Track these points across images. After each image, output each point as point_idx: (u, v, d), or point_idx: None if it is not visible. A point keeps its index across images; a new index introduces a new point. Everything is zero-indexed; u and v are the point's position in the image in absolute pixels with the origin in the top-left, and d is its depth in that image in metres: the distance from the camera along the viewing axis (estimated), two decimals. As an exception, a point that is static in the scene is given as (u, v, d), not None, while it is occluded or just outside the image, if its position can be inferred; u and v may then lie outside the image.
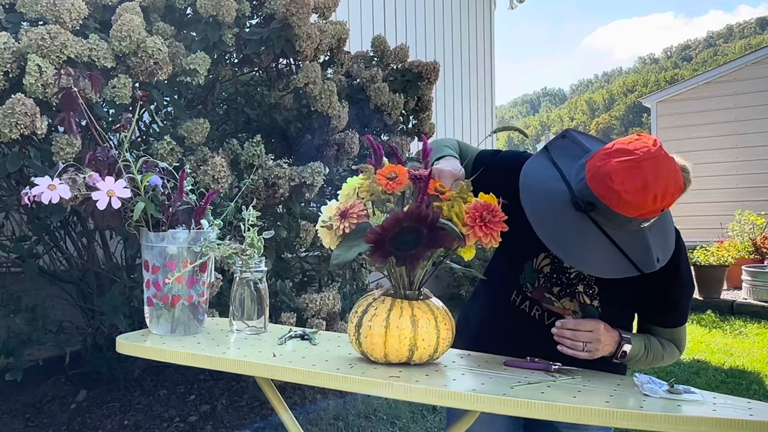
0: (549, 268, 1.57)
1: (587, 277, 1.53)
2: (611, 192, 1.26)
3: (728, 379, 4.42)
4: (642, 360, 1.55)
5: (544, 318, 1.58)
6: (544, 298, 1.57)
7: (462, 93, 8.32)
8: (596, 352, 1.44)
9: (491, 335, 1.59)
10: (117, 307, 2.90)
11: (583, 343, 1.42)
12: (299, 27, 3.01)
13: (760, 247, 7.46)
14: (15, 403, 3.37)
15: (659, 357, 1.57)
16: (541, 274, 1.57)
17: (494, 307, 1.65)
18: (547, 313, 1.57)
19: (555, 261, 1.56)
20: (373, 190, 1.32)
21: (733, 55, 38.69)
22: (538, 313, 1.58)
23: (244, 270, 1.56)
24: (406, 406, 3.61)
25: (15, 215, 3.32)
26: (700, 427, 1.06)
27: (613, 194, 1.26)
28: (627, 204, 1.26)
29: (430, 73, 3.95)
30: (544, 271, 1.57)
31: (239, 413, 3.42)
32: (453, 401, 1.20)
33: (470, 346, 1.53)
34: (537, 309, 1.58)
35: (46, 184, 1.43)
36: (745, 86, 9.68)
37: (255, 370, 1.36)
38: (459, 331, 1.41)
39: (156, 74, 2.58)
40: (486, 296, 1.73)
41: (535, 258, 1.57)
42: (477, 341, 1.56)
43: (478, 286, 1.84)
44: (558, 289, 1.56)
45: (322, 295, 3.00)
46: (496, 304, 1.64)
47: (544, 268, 1.57)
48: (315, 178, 2.89)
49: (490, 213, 1.27)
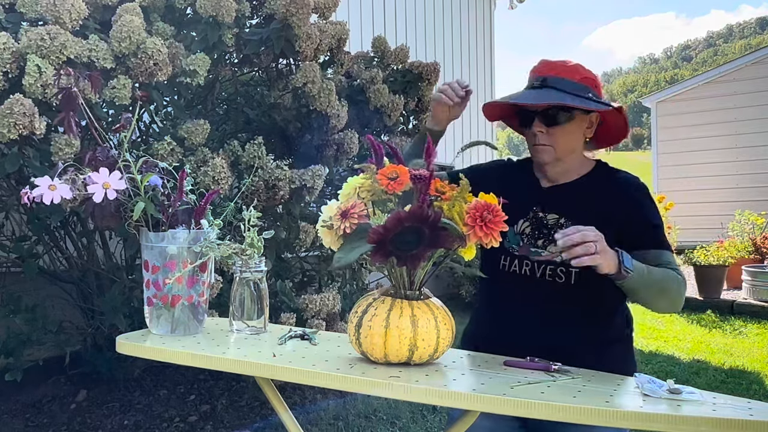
0: (529, 228, 1.70)
1: (564, 223, 1.66)
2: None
3: (728, 379, 4.42)
4: (648, 279, 1.53)
5: (535, 272, 1.67)
6: (530, 252, 1.68)
7: (462, 93, 8.31)
8: (606, 254, 1.43)
9: (494, 314, 1.73)
10: (117, 307, 2.90)
11: (593, 243, 1.42)
12: (299, 27, 3.01)
13: (760, 247, 7.46)
14: (15, 403, 3.37)
15: (664, 278, 1.57)
16: (524, 235, 1.70)
17: (490, 286, 1.75)
18: (536, 264, 1.67)
19: (533, 221, 1.70)
20: (374, 190, 1.32)
21: (733, 55, 38.68)
22: (527, 268, 1.68)
23: (244, 270, 1.56)
24: (406, 406, 3.61)
25: (15, 215, 3.32)
26: (700, 427, 1.06)
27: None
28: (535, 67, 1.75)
29: (431, 74, 3.95)
30: (526, 232, 1.70)
31: (239, 413, 3.43)
32: (453, 401, 1.20)
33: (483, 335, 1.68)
34: (526, 264, 1.68)
35: (46, 184, 1.42)
36: (744, 86, 9.68)
37: (255, 370, 1.36)
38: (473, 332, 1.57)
39: (156, 75, 2.58)
40: (483, 286, 1.84)
41: (515, 225, 1.70)
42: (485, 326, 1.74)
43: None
44: (542, 241, 1.68)
45: (322, 296, 3.00)
46: (492, 279, 1.68)
47: (525, 230, 1.70)
48: (316, 181, 2.89)
49: (490, 213, 1.27)
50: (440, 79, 4.16)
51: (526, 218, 1.70)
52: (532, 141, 1.71)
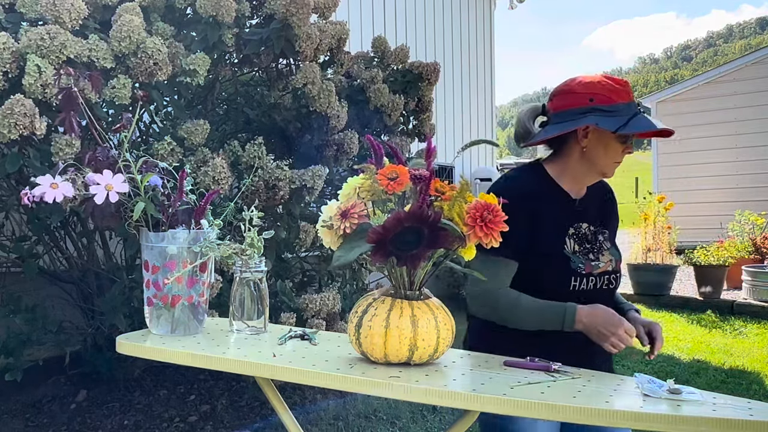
0: (577, 245, 1.73)
1: (597, 228, 1.79)
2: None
3: (728, 379, 4.42)
4: None
5: (596, 284, 1.73)
6: (592, 266, 1.73)
7: (462, 93, 8.32)
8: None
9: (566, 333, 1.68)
10: (117, 307, 2.90)
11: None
12: (299, 27, 3.01)
13: (760, 247, 7.45)
14: (15, 403, 3.37)
15: None
16: (577, 253, 1.73)
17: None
18: (597, 276, 1.74)
19: (576, 237, 1.74)
20: (374, 190, 1.32)
21: (733, 55, 38.69)
22: (592, 283, 1.73)
23: (244, 270, 1.56)
24: (406, 406, 3.61)
25: (15, 215, 3.32)
26: (700, 427, 1.06)
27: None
28: None
29: (431, 74, 3.95)
30: (576, 249, 1.73)
31: (239, 413, 3.42)
32: (453, 401, 1.20)
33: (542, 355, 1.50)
34: (591, 279, 1.73)
35: (48, 183, 1.42)
36: (744, 86, 9.68)
37: (255, 370, 1.36)
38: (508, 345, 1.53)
39: (156, 75, 2.58)
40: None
41: (566, 245, 1.72)
42: (548, 346, 1.55)
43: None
44: (594, 252, 1.75)
45: (322, 296, 3.00)
46: (563, 300, 1.70)
47: (575, 248, 1.73)
48: (316, 181, 2.89)
49: (490, 213, 1.27)
50: (440, 79, 4.16)
51: (569, 236, 1.74)
52: (616, 158, 1.72)
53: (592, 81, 1.68)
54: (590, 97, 1.65)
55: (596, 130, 1.67)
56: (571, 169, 1.74)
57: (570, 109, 1.68)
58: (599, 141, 1.68)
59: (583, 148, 1.70)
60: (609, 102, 1.64)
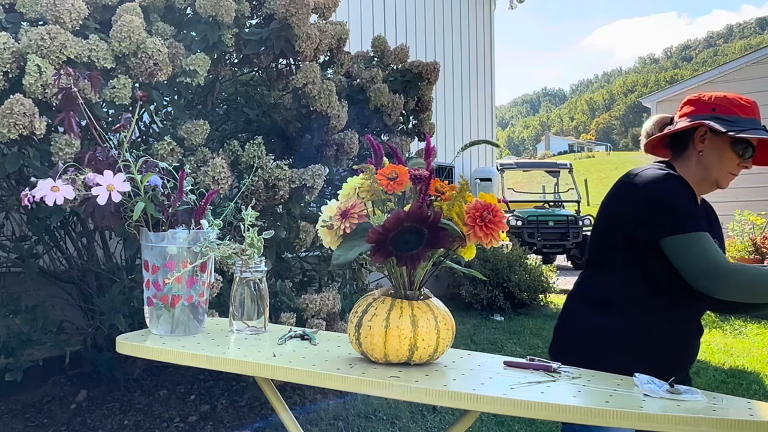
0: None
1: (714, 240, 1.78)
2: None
3: (728, 379, 4.42)
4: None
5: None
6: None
7: (462, 93, 8.32)
8: None
9: (684, 338, 1.74)
10: (117, 307, 2.90)
11: None
12: (299, 27, 3.01)
13: (760, 247, 7.46)
14: (15, 403, 3.37)
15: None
16: None
17: (688, 327, 1.78)
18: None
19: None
20: (373, 190, 1.32)
21: (733, 55, 38.67)
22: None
23: (244, 270, 1.56)
24: (406, 406, 3.61)
25: (15, 215, 3.32)
26: (700, 427, 1.06)
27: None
28: None
29: (431, 74, 3.95)
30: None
31: (239, 413, 3.42)
32: (453, 401, 1.20)
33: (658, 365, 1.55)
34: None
35: (49, 185, 1.42)
36: (745, 86, 9.67)
37: (255, 370, 1.35)
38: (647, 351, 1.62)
39: (156, 75, 2.58)
40: (680, 314, 1.77)
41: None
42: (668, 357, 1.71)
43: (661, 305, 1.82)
44: None
45: (322, 296, 3.00)
46: (690, 324, 1.76)
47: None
48: (315, 180, 2.89)
49: (490, 213, 1.26)
50: (440, 79, 4.16)
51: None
52: (731, 168, 1.74)
53: (720, 95, 1.76)
54: (713, 107, 1.72)
55: (713, 138, 1.71)
56: (690, 175, 1.75)
57: (693, 115, 1.74)
58: (715, 148, 1.72)
59: (699, 152, 1.73)
60: (730, 113, 1.69)
